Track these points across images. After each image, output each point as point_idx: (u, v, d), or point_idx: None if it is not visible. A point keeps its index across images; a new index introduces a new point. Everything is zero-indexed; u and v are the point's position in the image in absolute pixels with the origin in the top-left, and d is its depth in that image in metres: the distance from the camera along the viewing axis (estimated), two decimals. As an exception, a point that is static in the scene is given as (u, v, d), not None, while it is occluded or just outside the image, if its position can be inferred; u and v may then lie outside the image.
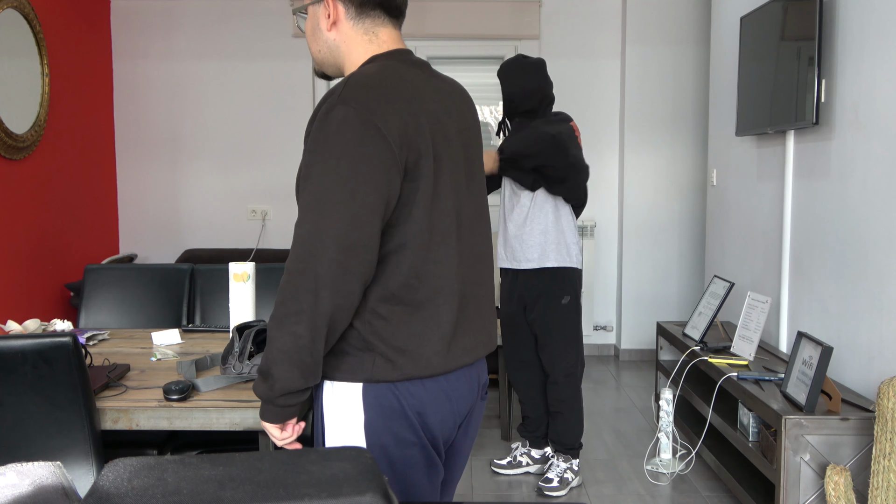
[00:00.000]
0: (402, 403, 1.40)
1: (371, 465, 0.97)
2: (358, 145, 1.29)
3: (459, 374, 1.46)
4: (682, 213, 5.32)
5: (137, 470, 0.94)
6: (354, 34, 1.46)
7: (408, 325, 1.38)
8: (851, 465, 2.43)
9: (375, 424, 1.40)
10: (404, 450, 1.42)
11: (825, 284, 3.03)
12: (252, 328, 2.11)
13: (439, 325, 1.40)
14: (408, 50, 1.49)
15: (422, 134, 1.36)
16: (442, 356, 1.41)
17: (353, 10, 1.44)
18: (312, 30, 1.50)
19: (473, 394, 1.51)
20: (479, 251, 1.51)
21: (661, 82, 5.24)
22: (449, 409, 1.45)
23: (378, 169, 1.30)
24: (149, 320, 3.01)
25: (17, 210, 4.09)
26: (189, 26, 5.32)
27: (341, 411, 1.43)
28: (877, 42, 2.68)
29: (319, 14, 1.47)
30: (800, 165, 3.27)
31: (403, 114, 1.34)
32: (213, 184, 5.41)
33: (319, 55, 1.51)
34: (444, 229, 1.41)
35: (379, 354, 1.38)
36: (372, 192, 1.30)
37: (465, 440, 1.57)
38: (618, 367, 5.20)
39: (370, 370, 1.38)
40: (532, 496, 3.13)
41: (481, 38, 5.30)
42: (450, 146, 1.43)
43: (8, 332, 2.42)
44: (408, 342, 1.38)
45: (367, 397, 1.40)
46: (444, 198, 1.40)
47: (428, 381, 1.41)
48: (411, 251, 1.37)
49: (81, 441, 1.84)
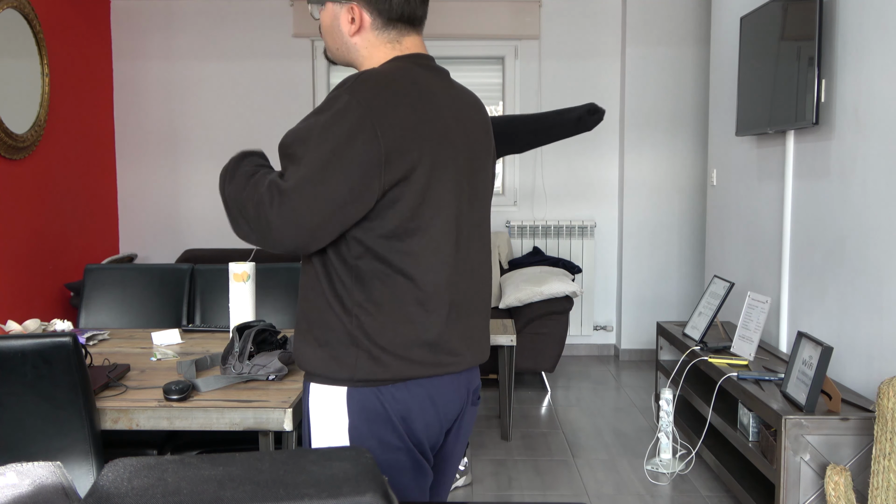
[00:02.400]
0: (386, 408, 1.40)
1: (371, 465, 0.97)
2: (348, 138, 1.31)
3: (445, 380, 1.45)
4: (682, 213, 5.32)
5: (137, 470, 0.94)
6: (378, 42, 1.46)
7: (394, 326, 1.38)
8: (851, 465, 2.43)
9: (360, 429, 1.41)
10: (389, 454, 1.42)
11: (825, 284, 3.03)
12: (252, 328, 2.11)
13: (426, 329, 1.40)
14: (429, 56, 1.49)
15: (423, 139, 1.36)
16: (427, 360, 1.41)
17: (379, 22, 1.45)
18: (330, 26, 1.49)
19: (462, 399, 1.51)
20: (475, 263, 1.51)
21: (661, 82, 5.24)
22: (434, 414, 1.44)
23: (356, 167, 1.31)
24: (149, 320, 3.01)
25: (17, 210, 4.09)
26: (189, 26, 5.32)
27: (326, 414, 1.43)
28: (877, 42, 2.68)
29: (341, 16, 1.46)
30: (800, 165, 3.27)
31: (405, 117, 1.34)
32: (213, 184, 5.41)
33: (336, 51, 1.51)
34: (439, 236, 1.41)
35: (363, 350, 1.38)
36: (342, 185, 1.31)
37: (455, 445, 1.56)
38: (618, 367, 5.21)
39: (353, 367, 1.39)
40: (533, 496, 3.14)
41: (481, 38, 5.30)
42: (455, 155, 1.43)
43: (8, 332, 2.42)
44: (392, 342, 1.38)
45: (352, 401, 1.40)
46: (442, 205, 1.40)
47: (412, 385, 1.41)
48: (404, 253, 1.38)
49: (81, 441, 1.84)
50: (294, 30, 5.30)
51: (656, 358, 4.10)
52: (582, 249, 5.37)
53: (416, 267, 1.38)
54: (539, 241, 5.38)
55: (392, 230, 1.36)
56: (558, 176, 5.44)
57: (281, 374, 2.05)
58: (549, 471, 3.39)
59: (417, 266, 1.38)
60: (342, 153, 1.31)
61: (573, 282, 4.63)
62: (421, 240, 1.38)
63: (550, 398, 4.49)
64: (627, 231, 5.33)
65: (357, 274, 1.38)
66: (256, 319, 2.29)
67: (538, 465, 3.46)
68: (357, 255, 1.38)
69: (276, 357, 2.07)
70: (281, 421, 1.84)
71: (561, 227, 5.37)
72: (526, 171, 5.44)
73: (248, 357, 2.07)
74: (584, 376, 4.97)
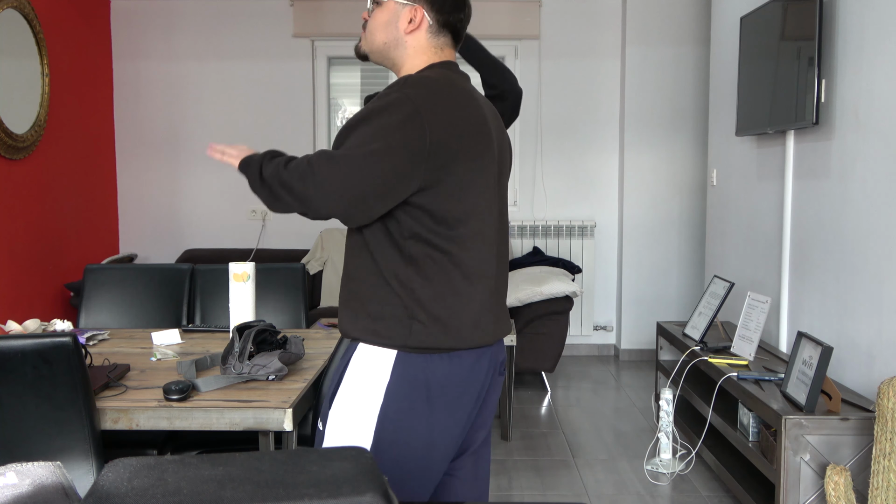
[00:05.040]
0: (428, 376, 1.53)
1: (371, 465, 0.97)
2: (398, 126, 1.44)
3: (481, 352, 1.59)
4: (682, 213, 5.32)
5: (137, 470, 0.94)
6: (427, 45, 1.62)
7: (444, 298, 1.52)
8: (851, 465, 2.43)
9: (397, 391, 1.53)
10: (413, 420, 1.53)
11: (825, 284, 3.03)
12: (252, 328, 2.11)
13: (471, 302, 1.55)
14: (457, 63, 1.66)
15: (464, 135, 1.51)
16: (470, 332, 1.55)
17: (435, 26, 1.61)
18: (386, 23, 1.61)
19: (491, 370, 1.63)
20: (502, 247, 1.67)
21: (661, 82, 5.24)
22: (471, 384, 1.57)
23: (403, 150, 1.44)
24: (149, 320, 3.01)
25: (17, 210, 4.09)
26: (189, 26, 5.32)
27: (367, 372, 1.55)
28: (877, 42, 2.68)
29: (402, 14, 1.59)
30: (800, 165, 3.27)
31: (450, 114, 1.49)
32: (213, 184, 5.41)
33: (383, 46, 1.63)
34: (483, 224, 1.57)
35: (418, 321, 1.51)
36: (388, 164, 1.44)
37: (484, 411, 1.68)
38: (618, 367, 5.21)
39: (407, 335, 1.51)
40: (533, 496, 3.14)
41: (481, 38, 5.21)
42: (489, 151, 1.58)
43: (8, 332, 2.42)
44: (443, 312, 1.52)
45: (398, 365, 1.53)
46: (484, 195, 1.56)
47: (454, 356, 1.54)
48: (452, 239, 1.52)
49: (81, 441, 1.84)
50: (294, 30, 5.30)
51: (656, 358, 4.10)
52: (582, 249, 5.37)
53: (463, 252, 1.53)
54: (539, 241, 5.38)
55: (441, 217, 1.50)
56: (558, 176, 5.44)
57: (281, 374, 2.05)
58: (549, 471, 3.40)
59: (465, 251, 1.54)
60: (391, 137, 1.44)
61: (573, 282, 4.63)
62: (467, 227, 1.53)
63: (550, 398, 4.49)
64: (627, 231, 5.33)
65: (409, 255, 1.51)
66: (256, 319, 2.29)
67: (538, 465, 3.46)
68: (407, 236, 1.51)
69: (276, 357, 2.07)
70: (281, 421, 1.84)
71: (561, 227, 5.37)
72: (526, 170, 5.44)
73: (248, 357, 2.06)
74: (584, 376, 4.97)
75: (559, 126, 5.41)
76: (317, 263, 5.07)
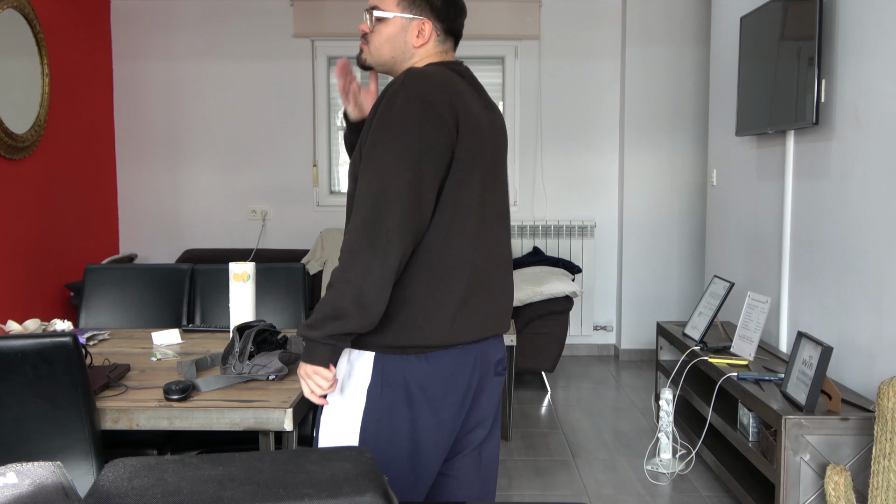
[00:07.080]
0: (406, 377, 1.53)
1: (371, 465, 0.97)
2: (419, 123, 1.47)
3: (463, 351, 1.58)
4: (682, 213, 5.32)
5: (137, 470, 0.94)
6: (434, 52, 1.66)
7: (419, 297, 1.52)
8: (851, 465, 2.43)
9: (378, 391, 1.54)
10: (395, 420, 1.55)
11: (825, 284, 3.03)
12: (252, 328, 2.11)
13: (448, 301, 1.53)
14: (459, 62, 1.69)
15: (464, 128, 1.52)
16: (447, 330, 1.53)
17: (441, 35, 1.65)
18: (393, 37, 1.63)
19: (479, 370, 1.62)
20: (496, 247, 1.64)
21: (661, 82, 5.24)
22: (452, 385, 1.57)
23: (436, 145, 1.47)
24: (149, 320, 3.00)
25: (17, 210, 4.09)
26: (189, 26, 5.32)
27: (350, 374, 1.57)
28: (877, 42, 2.68)
29: (410, 28, 1.62)
30: (800, 165, 3.27)
31: (453, 105, 1.51)
32: (213, 184, 5.41)
33: (391, 59, 1.65)
34: (466, 217, 1.55)
35: (394, 321, 1.51)
36: (428, 163, 1.47)
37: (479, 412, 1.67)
38: (618, 367, 5.21)
39: (383, 336, 1.52)
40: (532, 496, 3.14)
41: (481, 38, 5.30)
42: (483, 146, 1.59)
43: (8, 332, 2.42)
44: (419, 311, 1.51)
45: (377, 366, 1.54)
46: (471, 190, 1.55)
47: (433, 356, 1.54)
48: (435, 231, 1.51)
49: (81, 441, 1.83)
50: (294, 30, 5.30)
51: (656, 358, 4.10)
52: (582, 249, 5.37)
53: (443, 241, 1.52)
54: (539, 241, 5.38)
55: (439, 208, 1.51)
56: (558, 176, 5.44)
57: (281, 374, 2.05)
58: (549, 471, 3.40)
59: (444, 240, 1.52)
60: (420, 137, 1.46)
61: (573, 282, 4.63)
62: (447, 216, 1.52)
63: (550, 398, 4.49)
64: (627, 231, 5.33)
65: None
66: (256, 319, 2.30)
67: (538, 465, 3.46)
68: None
69: (276, 357, 2.07)
70: (281, 421, 1.84)
71: (561, 226, 5.37)
72: (526, 170, 5.44)
73: (249, 357, 2.07)
74: (584, 376, 4.97)
75: (559, 126, 5.41)
76: (317, 263, 5.07)
